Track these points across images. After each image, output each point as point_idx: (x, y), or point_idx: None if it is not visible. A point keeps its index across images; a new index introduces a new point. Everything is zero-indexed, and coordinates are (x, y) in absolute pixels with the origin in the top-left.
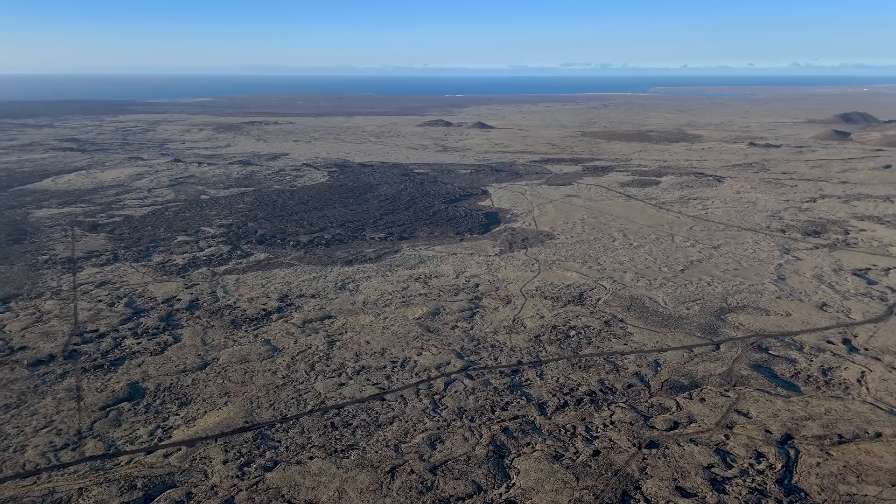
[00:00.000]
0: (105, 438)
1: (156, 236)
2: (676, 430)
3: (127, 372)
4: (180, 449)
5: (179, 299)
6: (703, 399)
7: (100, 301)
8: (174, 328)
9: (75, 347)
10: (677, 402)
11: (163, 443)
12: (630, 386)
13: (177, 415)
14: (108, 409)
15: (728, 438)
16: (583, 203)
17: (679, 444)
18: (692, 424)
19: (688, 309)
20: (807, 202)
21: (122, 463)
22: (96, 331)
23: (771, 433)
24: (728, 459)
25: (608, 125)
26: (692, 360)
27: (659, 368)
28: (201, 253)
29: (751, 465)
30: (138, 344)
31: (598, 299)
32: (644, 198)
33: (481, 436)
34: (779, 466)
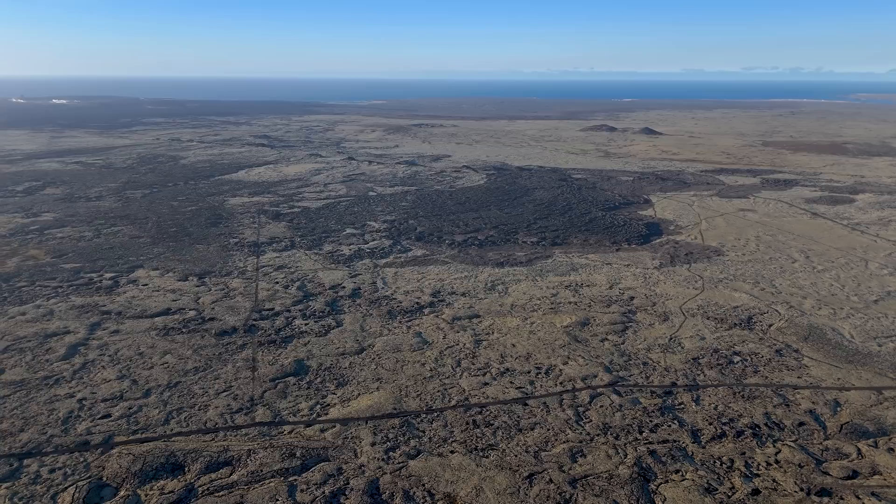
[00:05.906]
0: (273, 408)
1: (327, 227)
2: (855, 480)
3: (295, 349)
4: (335, 426)
5: (344, 287)
6: (891, 449)
7: (277, 283)
8: (337, 313)
9: (254, 323)
10: (858, 449)
11: (320, 418)
12: (802, 424)
13: (334, 394)
14: (276, 381)
15: None
16: (759, 218)
17: (857, 496)
18: (875, 476)
19: (880, 345)
20: None
21: (285, 432)
22: (272, 309)
23: None
24: None
25: (795, 135)
26: (881, 403)
27: (839, 409)
28: (366, 245)
29: None
30: (306, 325)
31: (770, 325)
32: (834, 217)
33: (626, 455)
34: None
